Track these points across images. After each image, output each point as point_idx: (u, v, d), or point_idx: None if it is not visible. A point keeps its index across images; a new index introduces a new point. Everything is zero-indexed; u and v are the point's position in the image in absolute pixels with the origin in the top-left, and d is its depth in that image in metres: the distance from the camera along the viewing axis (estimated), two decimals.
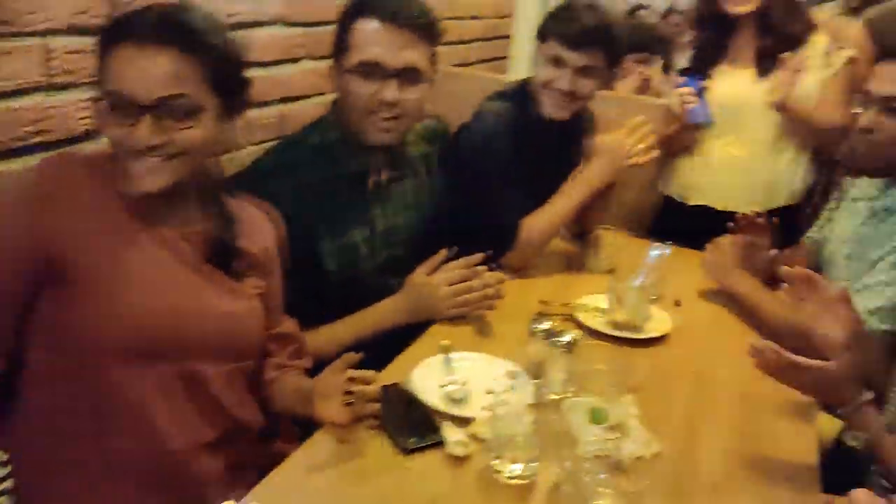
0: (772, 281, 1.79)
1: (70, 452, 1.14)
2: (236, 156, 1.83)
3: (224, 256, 1.25)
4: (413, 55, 1.54)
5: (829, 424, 1.46)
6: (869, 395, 1.26)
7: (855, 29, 2.35)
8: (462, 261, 1.61)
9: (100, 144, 1.44)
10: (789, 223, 2.11)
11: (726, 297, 1.86)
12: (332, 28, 1.62)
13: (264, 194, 1.44)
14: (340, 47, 1.57)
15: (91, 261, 1.11)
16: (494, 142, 1.85)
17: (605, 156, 1.88)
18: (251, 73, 1.30)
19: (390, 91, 1.53)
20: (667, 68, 2.58)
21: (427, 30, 1.56)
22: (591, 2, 1.85)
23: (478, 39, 3.14)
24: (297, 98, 2.07)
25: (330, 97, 1.72)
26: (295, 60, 2.04)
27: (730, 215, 1.95)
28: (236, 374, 1.26)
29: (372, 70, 1.53)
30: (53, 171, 1.14)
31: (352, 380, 1.16)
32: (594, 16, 1.81)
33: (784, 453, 1.31)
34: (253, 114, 1.89)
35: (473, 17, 3.06)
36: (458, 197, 1.85)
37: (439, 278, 1.60)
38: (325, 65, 1.67)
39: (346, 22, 1.57)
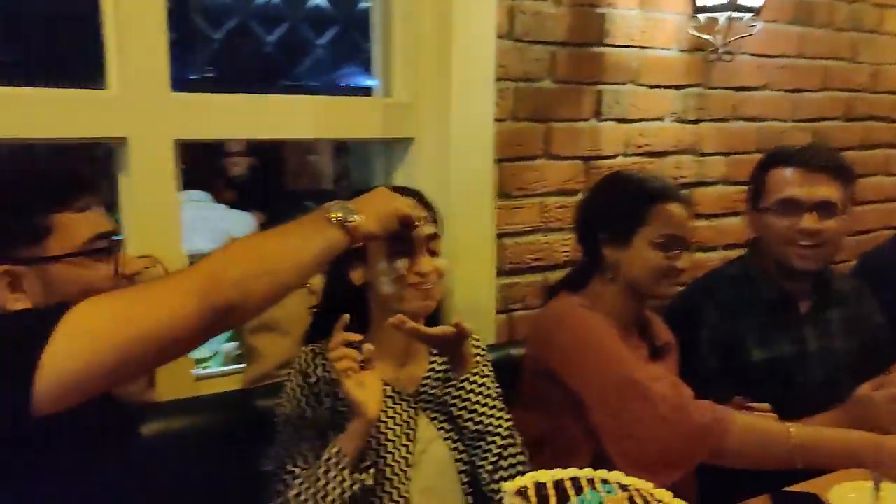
0: None
1: None
2: None
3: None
4: (827, 191, 1.71)
5: None
6: None
7: None
8: None
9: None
10: None
11: None
12: None
13: (688, 310, 1.80)
14: (757, 193, 1.81)
15: None
16: None
17: None
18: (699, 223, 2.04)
19: (808, 221, 1.70)
20: None
21: (839, 170, 1.74)
22: None
23: None
24: (737, 245, 2.33)
25: None
26: (735, 213, 2.38)
27: None
28: None
29: (789, 206, 1.73)
30: None
31: None
32: None
33: None
34: (701, 256, 2.26)
35: None
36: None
37: (883, 394, 1.56)
38: None
39: (761, 172, 1.81)
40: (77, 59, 2.98)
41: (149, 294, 0.94)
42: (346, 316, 1.29)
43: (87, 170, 1.27)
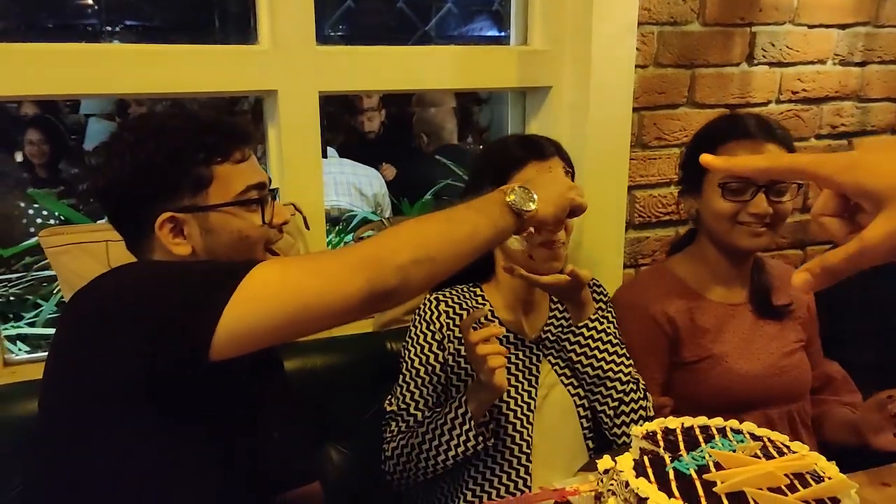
0: None
1: None
2: None
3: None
4: None
5: None
6: None
7: None
8: None
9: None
10: None
11: None
12: None
13: None
14: None
15: None
16: None
17: None
18: None
19: None
20: None
21: None
22: None
23: None
24: None
25: None
26: None
27: None
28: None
29: None
30: None
31: None
32: None
33: None
34: None
35: None
36: None
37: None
38: None
39: None
40: (223, 21, 3.19)
41: (321, 267, 0.98)
42: (486, 309, 1.34)
43: (245, 123, 1.33)
